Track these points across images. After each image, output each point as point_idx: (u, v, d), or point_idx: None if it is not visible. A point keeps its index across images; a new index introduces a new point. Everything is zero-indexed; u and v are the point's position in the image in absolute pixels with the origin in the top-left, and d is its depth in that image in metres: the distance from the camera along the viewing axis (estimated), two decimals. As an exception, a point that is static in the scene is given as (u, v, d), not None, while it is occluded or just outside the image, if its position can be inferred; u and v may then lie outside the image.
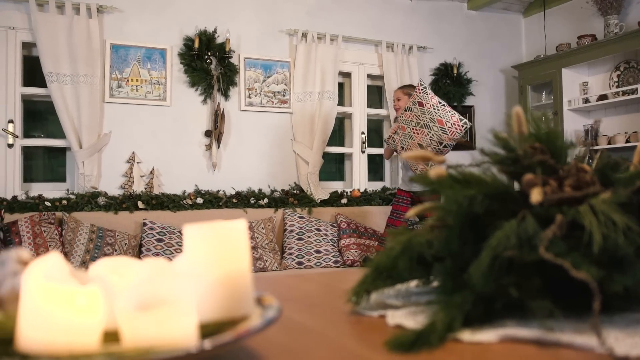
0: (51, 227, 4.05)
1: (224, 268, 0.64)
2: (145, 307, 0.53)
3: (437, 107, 4.01)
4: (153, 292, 0.54)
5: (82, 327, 0.52)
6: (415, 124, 4.11)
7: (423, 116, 4.05)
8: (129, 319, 0.53)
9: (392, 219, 4.43)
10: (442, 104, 4.04)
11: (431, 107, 4.02)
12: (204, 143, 4.99)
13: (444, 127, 3.98)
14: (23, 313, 0.53)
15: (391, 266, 0.91)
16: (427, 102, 4.03)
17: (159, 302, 0.53)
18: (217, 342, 0.52)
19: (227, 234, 0.65)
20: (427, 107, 4.03)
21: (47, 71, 4.37)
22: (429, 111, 4.02)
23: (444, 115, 4.00)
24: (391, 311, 0.86)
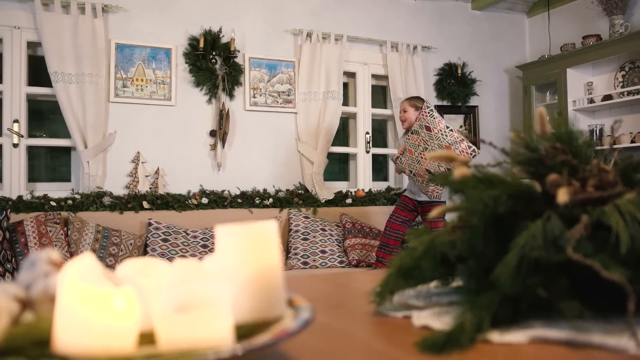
0: (57, 227, 4.04)
1: (255, 269, 0.63)
2: (183, 309, 0.52)
3: (445, 133, 3.93)
4: (191, 294, 0.53)
5: (119, 330, 0.52)
6: (422, 148, 4.05)
7: (431, 141, 3.99)
8: (166, 321, 0.53)
9: (390, 221, 4.43)
10: (449, 129, 3.96)
11: (439, 132, 3.94)
12: (209, 143, 4.99)
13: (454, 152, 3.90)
14: (59, 315, 0.52)
15: (414, 266, 0.91)
16: (435, 126, 3.95)
17: (197, 304, 0.53)
18: (257, 344, 0.52)
19: (259, 235, 0.65)
20: (435, 132, 3.95)
21: (53, 71, 4.37)
22: (437, 137, 3.95)
23: (452, 141, 3.93)
24: (416, 312, 0.85)
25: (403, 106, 4.44)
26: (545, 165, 0.89)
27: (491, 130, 6.46)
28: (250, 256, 0.64)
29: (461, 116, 6.28)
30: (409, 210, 4.42)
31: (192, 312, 0.53)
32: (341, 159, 5.93)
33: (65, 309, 0.52)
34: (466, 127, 6.31)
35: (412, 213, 4.44)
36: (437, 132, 3.96)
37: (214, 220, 4.64)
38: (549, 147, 0.93)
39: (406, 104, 4.43)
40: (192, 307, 0.53)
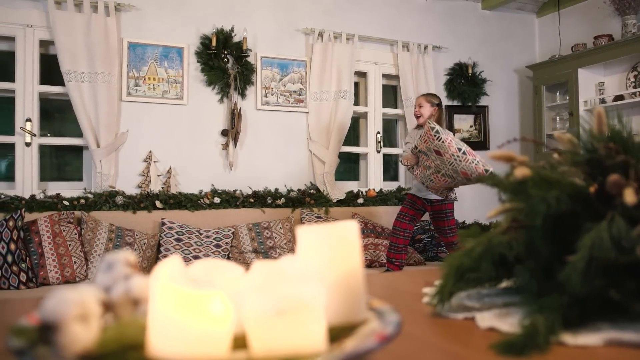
0: (70, 226, 4.03)
1: (339, 270, 0.62)
2: (282, 312, 0.51)
3: (459, 158, 3.75)
4: (289, 297, 0.52)
5: (215, 335, 0.50)
6: (434, 170, 3.95)
7: (444, 166, 3.85)
8: (264, 325, 0.51)
9: (397, 220, 4.42)
10: (462, 152, 3.76)
11: (451, 157, 3.77)
12: (221, 142, 4.98)
13: (469, 178, 3.81)
14: (153, 320, 0.51)
15: (474, 267, 0.89)
16: (446, 151, 3.77)
17: (295, 307, 0.51)
18: (362, 348, 0.50)
19: (340, 236, 0.63)
20: (447, 157, 3.79)
21: (65, 69, 4.36)
22: (450, 162, 3.79)
23: (468, 167, 3.75)
24: (478, 314, 0.84)
25: (419, 101, 4.42)
26: (603, 165, 0.88)
27: (501, 130, 6.45)
28: (333, 257, 0.62)
29: (471, 116, 6.27)
30: (417, 209, 4.41)
31: (291, 316, 0.51)
32: (351, 159, 5.92)
33: (160, 313, 0.50)
34: (476, 127, 6.30)
35: (420, 212, 4.43)
36: (449, 157, 3.78)
37: (227, 220, 4.63)
38: (607, 147, 0.92)
39: (422, 99, 4.41)
40: (291, 310, 0.51)
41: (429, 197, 4.36)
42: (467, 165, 3.76)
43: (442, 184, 4.01)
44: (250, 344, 0.53)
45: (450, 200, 4.36)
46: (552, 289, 0.81)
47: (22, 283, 3.62)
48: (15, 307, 0.99)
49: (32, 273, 3.70)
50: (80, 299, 0.49)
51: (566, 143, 1.01)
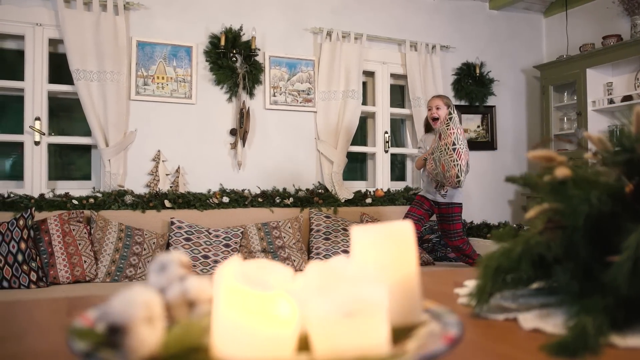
0: (80, 225, 4.02)
1: (396, 271, 0.61)
2: (348, 314, 0.50)
3: (447, 149, 3.90)
4: (356, 298, 0.51)
5: (281, 336, 0.50)
6: (431, 152, 4.15)
7: (437, 151, 4.02)
8: (328, 326, 0.50)
9: (405, 219, 4.41)
10: (454, 147, 3.88)
11: (444, 145, 3.93)
12: (229, 142, 4.97)
13: (444, 174, 3.99)
14: (218, 321, 0.50)
15: (513, 268, 0.89)
16: (444, 138, 3.93)
17: (362, 309, 0.50)
18: (433, 351, 0.49)
19: (395, 236, 0.62)
20: (442, 144, 3.96)
21: (74, 68, 4.35)
22: (441, 149, 3.96)
23: (447, 162, 3.92)
24: (521, 314, 0.84)
25: (436, 103, 4.40)
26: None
27: (508, 130, 6.44)
28: (389, 257, 0.61)
29: (478, 116, 6.26)
30: (425, 209, 4.42)
31: (357, 318, 0.50)
32: (358, 159, 5.91)
33: (224, 314, 0.49)
34: (483, 127, 6.28)
35: (428, 212, 4.43)
36: (443, 144, 3.95)
37: (236, 220, 4.63)
38: (637, 146, 0.92)
39: (439, 101, 4.40)
40: (358, 312, 0.50)
41: (437, 199, 4.37)
42: (448, 160, 3.90)
43: (429, 166, 4.15)
44: (313, 346, 0.52)
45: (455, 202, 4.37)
46: (593, 290, 0.81)
47: (33, 282, 3.61)
48: (48, 307, 0.98)
49: (42, 272, 3.70)
50: (147, 301, 0.49)
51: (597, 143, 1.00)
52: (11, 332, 0.80)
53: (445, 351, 0.50)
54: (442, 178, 4.02)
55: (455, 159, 3.87)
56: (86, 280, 3.85)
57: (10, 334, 0.79)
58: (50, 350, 0.72)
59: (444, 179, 4.01)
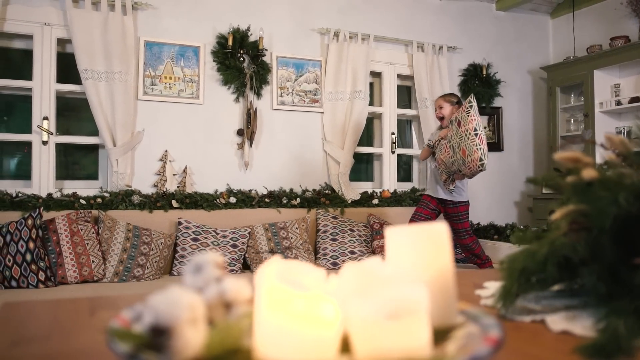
0: (88, 225, 4.02)
1: (431, 272, 0.61)
2: (392, 316, 0.50)
3: (469, 135, 3.90)
4: (396, 300, 0.50)
5: (325, 338, 0.49)
6: (447, 141, 4.12)
7: (455, 138, 4.01)
8: (370, 329, 0.50)
9: (412, 220, 4.45)
10: (475, 133, 3.90)
11: (464, 132, 3.93)
12: (236, 142, 4.97)
13: (465, 159, 3.95)
14: (259, 323, 0.49)
15: (539, 270, 0.88)
16: (465, 125, 3.94)
17: (404, 311, 0.50)
18: (482, 352, 0.49)
19: (431, 237, 0.62)
20: (462, 130, 3.96)
21: (82, 68, 4.35)
22: (461, 136, 3.96)
23: (469, 146, 3.90)
24: (548, 316, 0.83)
25: (438, 103, 4.45)
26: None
27: (514, 131, 6.43)
28: (425, 259, 0.61)
29: (485, 117, 6.24)
30: (431, 209, 4.43)
31: (400, 320, 0.50)
32: (364, 159, 5.90)
33: (267, 316, 0.49)
34: (490, 128, 6.27)
35: (434, 212, 4.44)
36: (463, 130, 3.96)
37: (243, 220, 4.62)
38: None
39: (441, 100, 4.45)
40: (401, 314, 0.50)
41: (442, 197, 4.37)
42: (470, 144, 3.90)
43: (445, 155, 4.11)
44: (354, 348, 0.52)
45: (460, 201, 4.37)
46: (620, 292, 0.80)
47: (41, 282, 3.62)
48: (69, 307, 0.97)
49: (50, 272, 3.70)
50: (191, 302, 0.48)
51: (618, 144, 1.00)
52: (37, 333, 0.79)
53: (491, 353, 0.50)
54: (461, 164, 3.99)
55: (478, 143, 3.89)
56: (94, 280, 3.85)
57: (37, 335, 0.78)
58: (78, 350, 0.71)
59: (463, 165, 3.98)
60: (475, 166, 3.93)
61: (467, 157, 3.93)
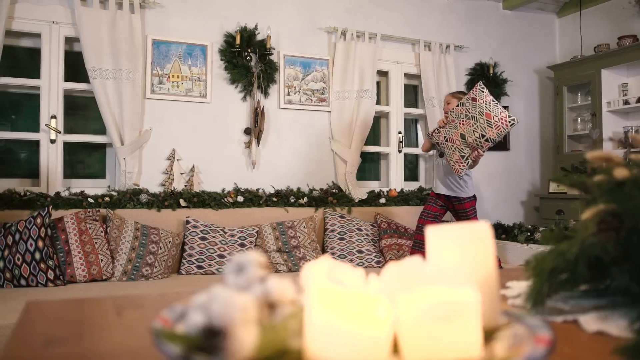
0: (96, 224, 4.02)
1: (474, 273, 0.60)
2: (443, 317, 0.49)
3: (489, 103, 4.01)
4: (448, 301, 0.50)
5: (377, 338, 0.48)
6: (464, 116, 4.11)
7: (473, 109, 4.05)
8: (420, 329, 0.49)
9: (421, 218, 4.44)
10: (494, 102, 4.03)
11: (483, 102, 4.02)
12: (244, 141, 4.96)
13: (490, 121, 3.98)
14: (310, 323, 0.49)
15: (570, 269, 0.88)
16: (481, 98, 4.03)
17: (456, 312, 0.49)
18: (538, 353, 0.48)
19: (473, 237, 0.61)
20: (479, 102, 4.03)
21: (90, 66, 4.35)
22: (480, 105, 4.02)
23: (494, 110, 3.99)
24: (582, 316, 0.83)
25: (446, 99, 4.47)
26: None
27: (521, 130, 6.42)
28: (468, 259, 0.60)
29: (492, 116, 6.22)
30: (439, 205, 4.43)
31: (452, 321, 0.49)
32: (371, 158, 5.89)
33: (318, 316, 0.48)
34: (496, 127, 6.25)
35: (442, 208, 4.44)
36: (481, 102, 4.03)
37: (251, 219, 4.62)
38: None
39: (449, 96, 4.47)
40: (452, 314, 0.49)
41: (448, 194, 4.36)
42: (494, 109, 4.00)
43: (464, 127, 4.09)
44: (403, 349, 0.51)
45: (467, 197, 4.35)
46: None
47: (50, 281, 3.61)
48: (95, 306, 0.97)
49: (59, 271, 3.69)
50: (245, 303, 0.47)
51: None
52: (68, 333, 0.79)
53: (547, 354, 0.49)
54: (486, 127, 3.98)
55: (501, 109, 4.03)
56: (103, 279, 3.85)
57: (69, 334, 0.78)
58: (111, 351, 0.71)
59: (488, 127, 3.98)
60: (504, 123, 3.98)
61: (494, 118, 3.98)
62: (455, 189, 4.33)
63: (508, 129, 4.02)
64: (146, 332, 0.79)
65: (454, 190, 4.34)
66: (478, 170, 5.85)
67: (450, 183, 4.33)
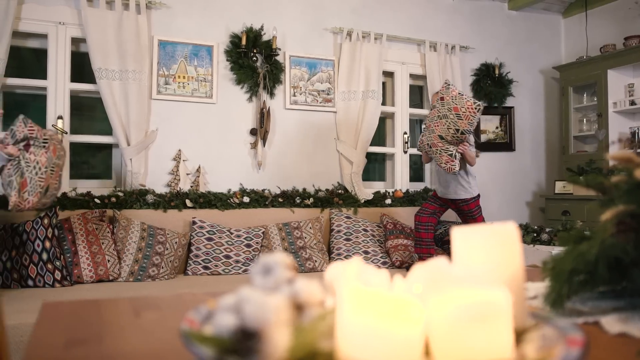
0: (103, 224, 4.02)
1: (501, 274, 0.59)
2: (476, 318, 0.49)
3: (455, 97, 4.06)
4: (479, 303, 0.49)
5: (410, 340, 0.48)
6: (437, 117, 4.16)
7: (442, 108, 4.12)
8: (453, 331, 0.49)
9: (417, 215, 4.49)
10: (460, 94, 4.09)
11: (450, 98, 4.08)
12: (249, 141, 4.96)
13: (458, 114, 4.03)
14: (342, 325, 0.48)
15: (590, 270, 0.87)
16: (448, 95, 4.11)
17: (489, 313, 0.49)
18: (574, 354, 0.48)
19: (500, 238, 0.61)
20: (447, 99, 4.10)
21: (97, 67, 4.36)
22: (448, 102, 4.09)
23: (459, 102, 4.04)
24: (603, 318, 0.82)
25: (433, 99, 4.50)
26: None
27: (526, 131, 6.41)
28: (495, 260, 0.60)
29: (497, 117, 6.22)
30: (438, 204, 4.45)
31: (485, 322, 0.49)
32: (375, 159, 5.89)
33: (351, 317, 0.48)
34: (502, 128, 6.25)
35: (442, 207, 4.45)
36: (448, 98, 4.08)
37: (257, 220, 4.62)
38: None
39: (435, 96, 4.51)
40: (485, 316, 0.49)
41: (451, 198, 4.36)
42: (460, 101, 4.05)
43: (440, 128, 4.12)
44: (434, 350, 0.51)
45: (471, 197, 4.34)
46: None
47: (57, 281, 3.62)
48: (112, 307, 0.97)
49: (66, 271, 3.70)
50: (278, 305, 0.47)
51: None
52: (88, 334, 0.79)
53: (583, 355, 0.49)
54: (457, 120, 4.04)
55: (467, 98, 4.07)
56: (109, 280, 3.85)
57: (89, 335, 0.78)
58: (133, 352, 0.71)
59: (459, 120, 4.03)
60: (471, 112, 4.01)
61: (461, 110, 4.02)
62: (461, 192, 4.33)
63: (477, 116, 4.05)
64: (166, 334, 0.79)
65: (458, 194, 4.34)
66: (484, 171, 5.85)
67: (455, 187, 4.32)
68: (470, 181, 4.35)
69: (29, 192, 3.31)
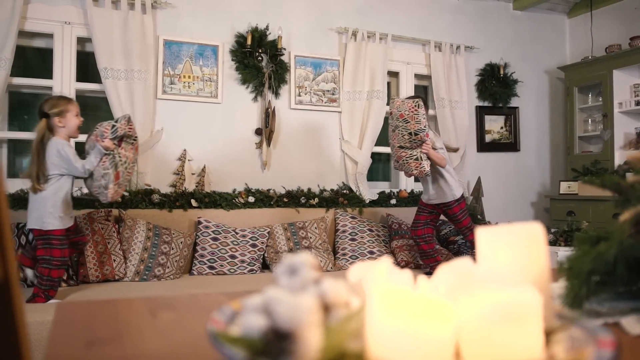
0: (108, 224, 4.02)
1: (527, 274, 0.59)
2: (507, 319, 0.48)
3: (398, 106, 4.07)
4: (513, 303, 0.49)
5: (441, 340, 0.48)
6: (392, 131, 4.18)
7: (392, 121, 4.15)
8: (483, 331, 0.49)
9: (412, 230, 4.41)
10: (402, 101, 4.08)
11: (395, 109, 4.09)
12: (254, 141, 4.96)
13: (405, 118, 4.01)
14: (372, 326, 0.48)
15: (609, 271, 0.87)
16: (393, 107, 4.14)
17: (518, 314, 0.49)
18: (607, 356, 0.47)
19: (526, 237, 0.60)
20: (393, 112, 4.12)
21: (102, 67, 4.36)
22: (394, 113, 4.10)
23: (402, 108, 4.03)
24: (624, 319, 0.82)
25: None
26: None
27: (531, 131, 6.40)
28: (520, 260, 0.59)
29: (502, 117, 6.21)
30: (428, 212, 4.35)
31: (515, 323, 0.48)
32: (379, 159, 5.88)
33: (382, 318, 0.47)
34: (506, 128, 6.24)
35: (432, 214, 4.36)
36: (394, 110, 4.11)
37: (262, 220, 4.61)
38: None
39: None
40: (515, 317, 0.48)
41: (435, 202, 4.29)
42: (402, 106, 4.04)
43: (396, 139, 4.13)
44: (463, 350, 0.50)
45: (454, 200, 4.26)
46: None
47: (63, 280, 3.62)
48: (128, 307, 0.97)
49: (72, 271, 3.70)
50: (310, 305, 0.47)
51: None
52: (108, 334, 0.79)
53: (616, 356, 0.48)
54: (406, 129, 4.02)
55: (407, 101, 4.05)
56: (115, 279, 3.85)
57: (108, 335, 0.78)
58: (154, 352, 0.70)
59: (407, 128, 4.01)
60: (413, 111, 3.98)
61: (405, 114, 4.00)
62: (442, 194, 4.22)
63: (420, 112, 3.99)
64: (184, 334, 0.79)
65: (440, 197, 4.24)
66: (489, 171, 5.84)
67: (436, 190, 4.24)
68: (449, 182, 4.21)
69: (119, 185, 3.45)
